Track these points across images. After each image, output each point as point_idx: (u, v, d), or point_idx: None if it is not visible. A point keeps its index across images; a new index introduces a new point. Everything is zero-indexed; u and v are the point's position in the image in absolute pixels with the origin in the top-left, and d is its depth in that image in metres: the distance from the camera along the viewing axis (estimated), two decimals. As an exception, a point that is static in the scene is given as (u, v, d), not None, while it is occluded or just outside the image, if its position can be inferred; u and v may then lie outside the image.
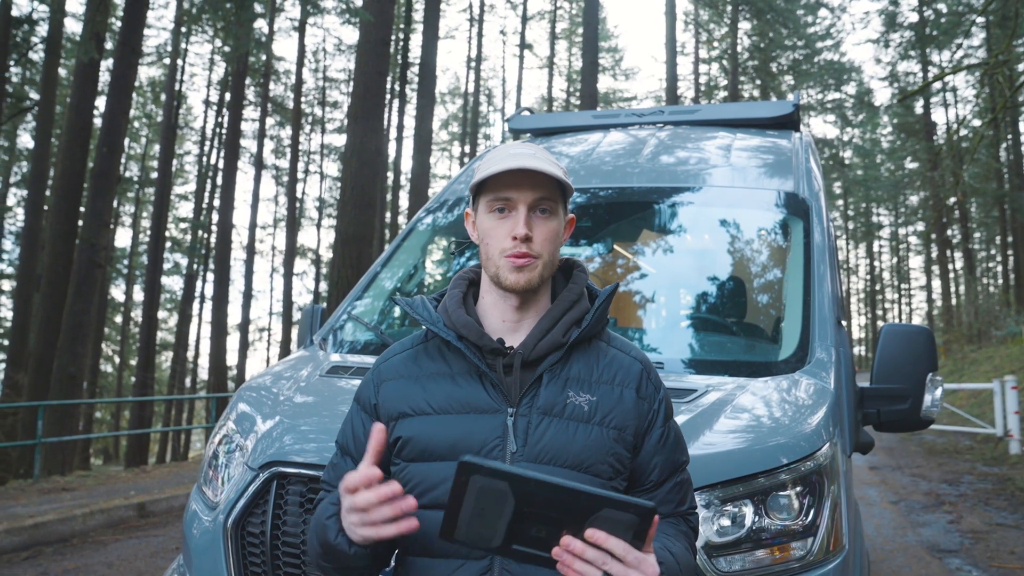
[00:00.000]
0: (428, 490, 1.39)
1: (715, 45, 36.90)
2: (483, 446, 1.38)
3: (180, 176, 39.54)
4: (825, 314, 2.77)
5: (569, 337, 1.46)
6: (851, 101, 39.69)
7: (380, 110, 14.44)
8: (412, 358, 1.53)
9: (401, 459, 1.44)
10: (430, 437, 1.40)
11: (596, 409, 1.43)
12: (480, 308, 1.53)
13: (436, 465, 1.39)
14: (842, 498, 2.20)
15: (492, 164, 1.43)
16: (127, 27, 12.86)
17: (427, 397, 1.44)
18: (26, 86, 26.72)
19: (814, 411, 2.28)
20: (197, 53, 35.59)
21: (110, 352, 38.54)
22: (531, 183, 1.43)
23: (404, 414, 1.45)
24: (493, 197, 1.45)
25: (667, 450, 1.49)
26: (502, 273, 1.44)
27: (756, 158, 3.83)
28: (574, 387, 1.44)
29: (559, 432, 1.40)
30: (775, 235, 3.30)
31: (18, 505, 7.48)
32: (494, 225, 1.45)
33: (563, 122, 4.76)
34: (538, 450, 1.38)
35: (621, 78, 45.97)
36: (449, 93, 45.90)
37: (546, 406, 1.41)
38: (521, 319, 1.49)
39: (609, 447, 1.41)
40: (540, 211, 1.45)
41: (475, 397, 1.42)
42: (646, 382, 1.50)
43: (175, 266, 37.43)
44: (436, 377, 1.47)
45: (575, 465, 1.38)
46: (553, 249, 1.47)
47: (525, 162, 1.40)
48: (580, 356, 1.48)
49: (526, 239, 1.41)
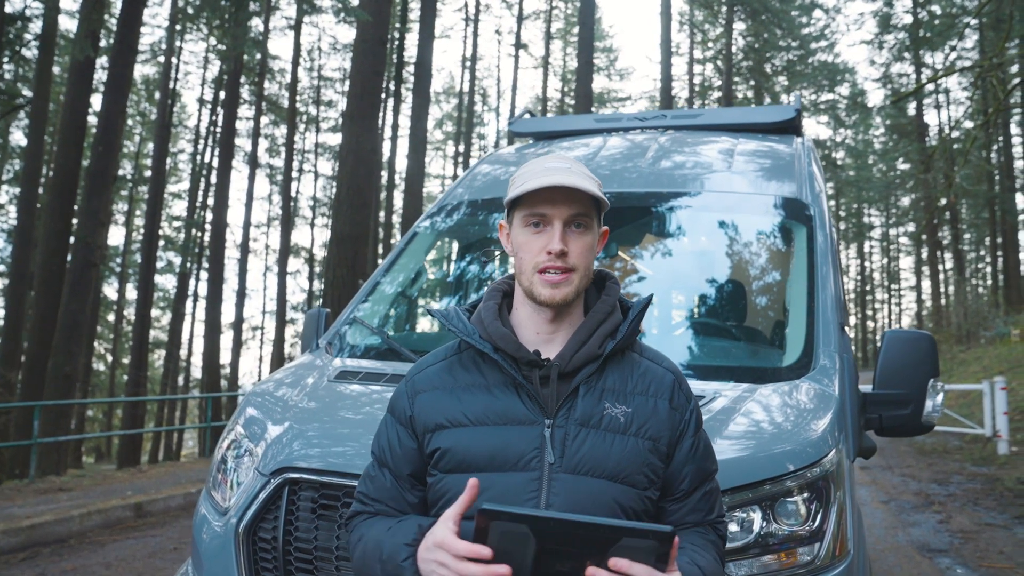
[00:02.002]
0: None
1: (710, 46, 36.97)
2: (521, 457, 1.40)
3: (174, 174, 39.41)
4: (829, 319, 2.79)
5: (604, 349, 1.48)
6: (845, 102, 39.87)
7: (376, 109, 14.43)
8: (446, 369, 1.54)
9: (438, 470, 1.46)
10: (467, 448, 1.42)
11: (632, 420, 1.45)
12: (514, 320, 1.55)
13: (475, 476, 1.39)
14: (847, 503, 2.22)
15: (528, 179, 1.45)
16: (124, 25, 12.81)
17: (463, 408, 1.46)
18: (19, 83, 26.59)
19: (820, 417, 2.30)
20: (192, 51, 35.55)
21: (103, 351, 38.37)
22: (567, 199, 1.44)
23: (440, 426, 1.46)
24: (529, 212, 1.47)
25: (697, 459, 1.52)
26: (536, 288, 1.46)
27: (759, 163, 3.86)
28: (610, 398, 1.46)
29: (597, 443, 1.42)
30: (778, 240, 3.32)
31: (15, 506, 7.46)
32: (529, 239, 1.47)
33: (565, 126, 4.77)
34: (576, 461, 1.40)
35: (616, 78, 46.05)
36: (444, 92, 45.89)
37: (584, 417, 1.43)
38: (555, 331, 1.51)
39: (644, 458, 1.44)
40: (575, 226, 1.46)
41: (512, 408, 1.44)
42: (678, 393, 1.53)
43: (168, 264, 37.31)
44: (472, 389, 1.48)
45: (612, 476, 1.41)
46: (588, 263, 1.49)
47: (561, 178, 1.42)
48: (614, 368, 1.50)
49: (561, 254, 1.43)
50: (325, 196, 41.77)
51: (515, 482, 1.39)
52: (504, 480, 1.39)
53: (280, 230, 33.54)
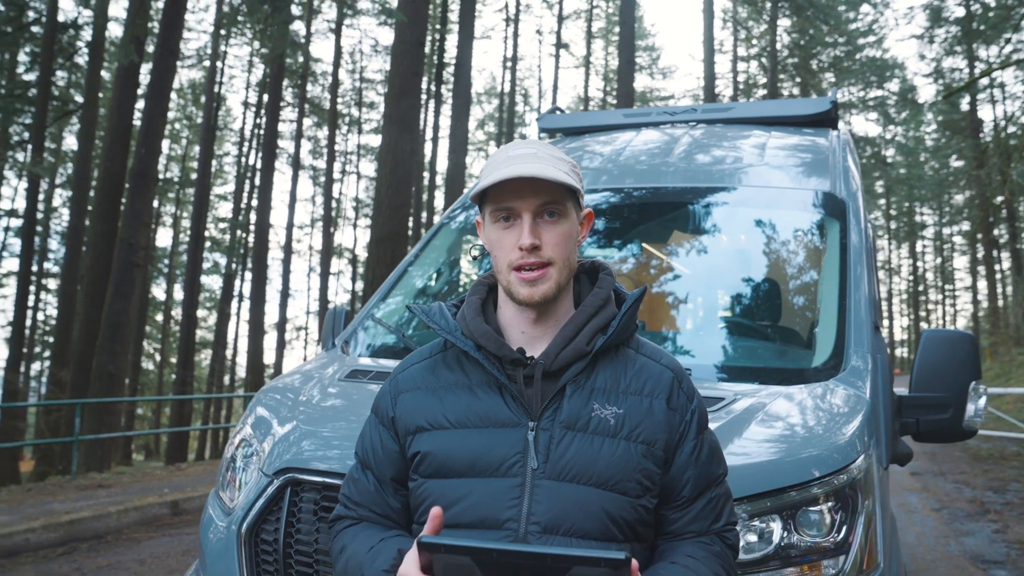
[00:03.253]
0: (446, 508, 1.31)
1: (754, 43, 36.37)
2: (502, 462, 1.32)
3: (220, 177, 40.13)
4: (861, 319, 2.66)
5: (594, 345, 1.38)
6: (894, 98, 38.87)
7: (415, 111, 14.46)
8: (430, 368, 1.46)
9: (419, 475, 1.38)
10: (448, 453, 1.34)
11: (623, 422, 1.35)
12: (500, 316, 1.45)
13: (455, 482, 1.33)
14: (877, 513, 2.09)
15: (491, 171, 1.35)
16: (165, 30, 13.05)
17: (444, 410, 1.38)
18: (71, 89, 27.34)
19: (848, 421, 2.18)
20: (236, 55, 36.09)
21: (151, 350, 39.25)
22: (532, 189, 1.34)
23: (421, 428, 1.39)
24: (496, 207, 1.37)
25: (701, 464, 1.41)
26: (514, 288, 1.36)
27: (791, 157, 3.72)
28: (599, 399, 1.36)
29: (583, 447, 1.32)
30: (810, 236, 3.19)
31: (55, 501, 7.61)
32: (500, 236, 1.38)
33: (593, 121, 4.69)
34: (560, 467, 1.31)
35: (658, 77, 45.57)
36: (485, 93, 45.95)
37: (569, 419, 1.34)
38: (542, 328, 1.41)
39: (637, 463, 1.34)
40: (547, 215, 1.36)
41: (494, 410, 1.35)
42: (677, 392, 1.42)
43: (214, 265, 38.00)
44: (454, 389, 1.40)
45: (600, 483, 1.31)
46: (566, 253, 1.38)
47: (523, 168, 1.32)
48: (606, 365, 1.40)
49: (533, 248, 1.34)
50: (367, 197, 42.15)
51: (496, 489, 1.30)
52: (485, 486, 1.31)
53: (322, 231, 33.93)
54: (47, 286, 33.33)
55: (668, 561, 1.36)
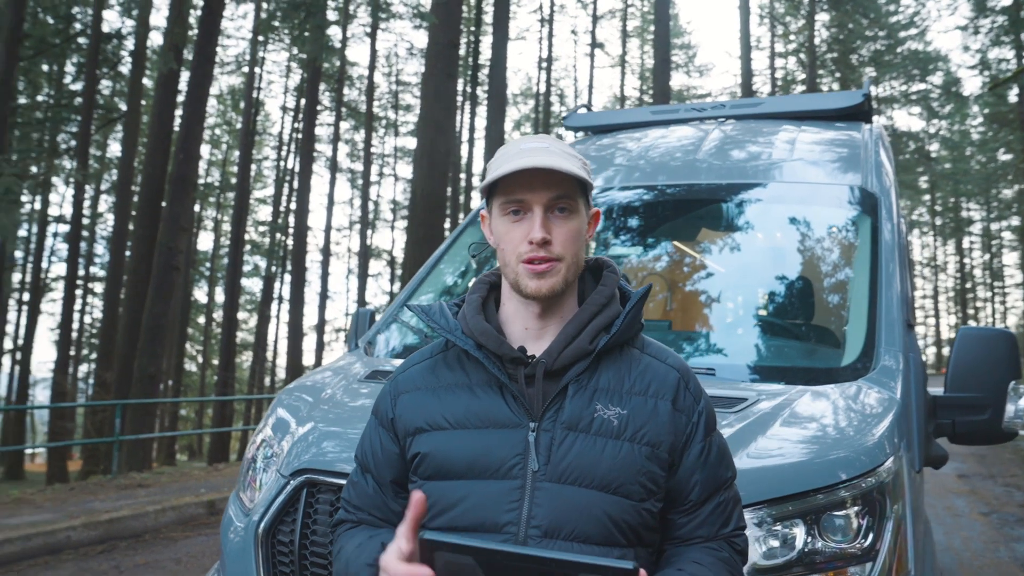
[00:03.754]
0: (444, 510, 1.30)
1: (791, 38, 35.78)
2: (502, 464, 1.28)
3: (259, 181, 40.72)
4: (893, 317, 2.57)
5: (597, 344, 1.34)
6: (937, 92, 37.95)
7: (450, 112, 14.50)
8: (430, 368, 1.43)
9: (418, 476, 1.35)
10: (447, 454, 1.31)
11: (627, 423, 1.31)
12: (502, 314, 1.42)
13: (453, 484, 1.30)
14: (907, 518, 2.02)
15: (503, 162, 1.32)
16: (202, 38, 13.28)
17: (443, 411, 1.35)
18: (115, 98, 27.98)
19: (877, 422, 2.11)
20: (274, 61, 36.57)
21: (194, 352, 39.97)
22: (545, 182, 1.31)
23: (420, 429, 1.36)
24: (506, 199, 1.34)
25: (708, 467, 1.36)
26: (522, 280, 1.32)
27: (822, 151, 3.64)
28: (602, 399, 1.32)
29: (585, 449, 1.28)
30: (841, 232, 3.11)
31: (96, 500, 7.76)
32: (509, 228, 1.34)
33: (621, 119, 4.64)
34: (562, 469, 1.27)
35: (695, 75, 45.12)
36: (521, 94, 45.92)
37: (571, 420, 1.30)
38: (545, 326, 1.37)
39: (641, 465, 1.29)
40: (558, 210, 1.33)
41: (495, 410, 1.32)
42: (684, 392, 1.37)
43: (255, 268, 38.54)
44: (454, 389, 1.37)
45: (603, 486, 1.27)
46: (576, 250, 1.35)
47: (537, 159, 1.28)
48: (610, 365, 1.36)
49: (544, 243, 1.30)
50: (405, 199, 42.44)
51: (495, 491, 1.27)
52: (484, 488, 1.28)
53: (360, 233, 34.24)
54: (94, 290, 34.16)
55: (675, 567, 1.32)
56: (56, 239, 32.16)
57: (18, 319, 31.43)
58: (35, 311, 27.58)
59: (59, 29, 23.18)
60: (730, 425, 2.02)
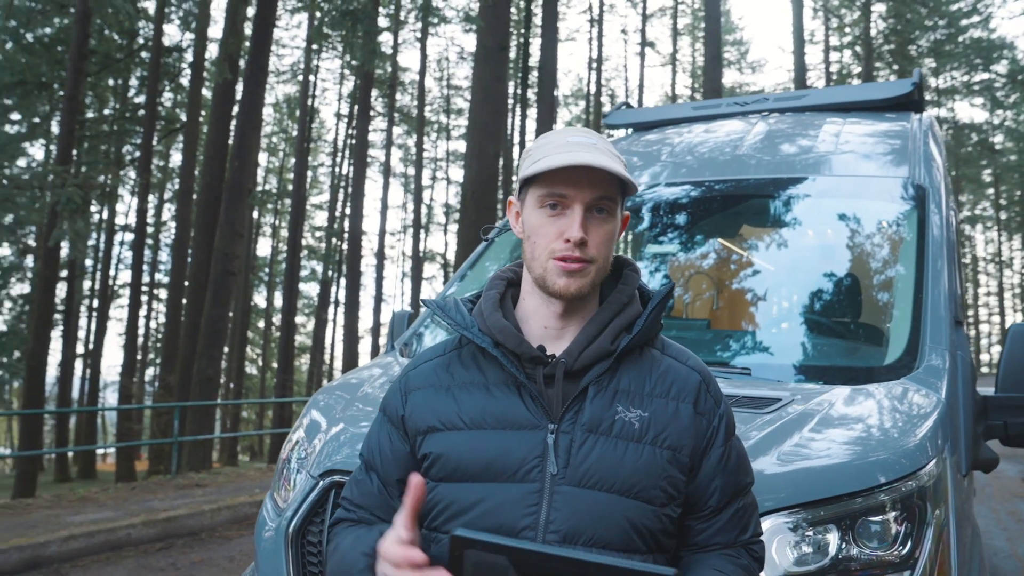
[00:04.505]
0: (459, 514, 1.26)
1: (846, 31, 34.85)
2: (520, 466, 1.25)
3: (315, 187, 41.45)
4: (940, 314, 2.47)
5: (618, 344, 1.30)
6: (1002, 81, 36.48)
7: (499, 115, 14.53)
8: (444, 365, 1.39)
9: (430, 478, 1.31)
10: (462, 455, 1.27)
11: (648, 426, 1.27)
12: (520, 312, 1.38)
13: (468, 486, 1.26)
14: (950, 524, 1.93)
15: (549, 154, 1.27)
16: (254, 48, 13.58)
17: (459, 410, 1.31)
18: (177, 109, 28.85)
19: (920, 423, 2.02)
20: (328, 69, 37.20)
21: (253, 355, 40.89)
22: (590, 180, 1.26)
23: (433, 428, 1.32)
24: (547, 192, 1.28)
25: (728, 472, 1.32)
26: (550, 276, 1.28)
27: (867, 143, 3.53)
28: (623, 401, 1.28)
29: (606, 452, 1.24)
30: (886, 227, 3.00)
31: (156, 499, 7.99)
32: (544, 223, 1.29)
33: (662, 115, 4.59)
34: (582, 472, 1.23)
35: (747, 71, 44.34)
36: (572, 95, 45.76)
37: (592, 422, 1.26)
38: (565, 325, 1.34)
39: (662, 469, 1.25)
40: (597, 211, 1.28)
41: (512, 411, 1.28)
42: (705, 396, 1.33)
43: (312, 273, 39.23)
44: (469, 388, 1.33)
45: (624, 490, 1.23)
46: (608, 253, 1.31)
47: (587, 156, 1.23)
48: (631, 366, 1.32)
49: (581, 243, 1.26)
50: (457, 202, 42.69)
51: (513, 494, 1.23)
52: (501, 491, 1.24)
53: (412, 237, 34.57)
54: (159, 296, 35.22)
55: (696, 574, 1.28)
56: (123, 247, 33.33)
57: (89, 325, 32.58)
58: (104, 317, 28.62)
59: (123, 44, 24.03)
60: (760, 427, 1.97)
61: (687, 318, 3.40)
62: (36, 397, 16.07)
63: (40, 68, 21.02)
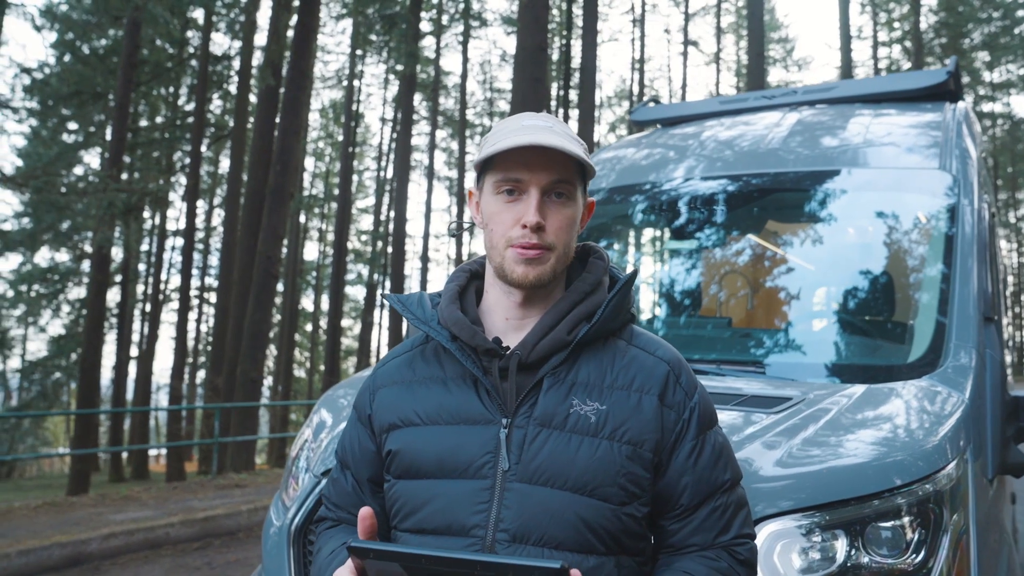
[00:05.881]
0: (413, 512, 1.24)
1: (895, 26, 33.96)
2: (472, 462, 1.21)
3: (360, 191, 41.92)
4: (968, 311, 2.36)
5: (576, 335, 1.25)
6: (1063, 74, 35.19)
7: (537, 117, 14.48)
8: (408, 362, 1.37)
9: (391, 475, 1.30)
10: (417, 451, 1.25)
11: (606, 420, 1.21)
12: (483, 304, 1.35)
13: (422, 483, 1.24)
14: (971, 531, 1.83)
15: (502, 137, 1.24)
16: (295, 54, 13.77)
17: (416, 406, 1.29)
18: (225, 115, 29.47)
19: (940, 423, 1.92)
20: (372, 74, 37.61)
21: (301, 358, 41.50)
22: (545, 163, 1.22)
23: (394, 425, 1.30)
24: (502, 177, 1.25)
25: (700, 468, 1.25)
26: (508, 265, 1.24)
27: (898, 135, 3.40)
28: (580, 394, 1.23)
29: (558, 447, 1.19)
30: (915, 220, 2.88)
31: (195, 499, 8.12)
32: (501, 209, 1.26)
33: (689, 110, 4.50)
34: (533, 468, 1.19)
35: (793, 69, 43.45)
36: (615, 96, 45.50)
37: (545, 416, 1.21)
38: (526, 316, 1.29)
39: (620, 466, 1.19)
40: (555, 195, 1.25)
41: (467, 406, 1.24)
42: (673, 387, 1.26)
43: (358, 276, 39.69)
44: (428, 383, 1.30)
45: (577, 487, 1.18)
46: (568, 239, 1.27)
47: (540, 137, 1.20)
48: (591, 357, 1.26)
49: (538, 228, 1.22)
50: (500, 206, 42.79)
51: (464, 491, 1.20)
52: (452, 488, 1.21)
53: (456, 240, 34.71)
54: (208, 299, 36.00)
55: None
56: (174, 252, 34.13)
57: (142, 328, 33.41)
58: (156, 320, 29.31)
59: (173, 54, 24.64)
60: (768, 427, 1.89)
61: (712, 316, 3.32)
62: (90, 398, 16.51)
63: (95, 78, 21.70)
